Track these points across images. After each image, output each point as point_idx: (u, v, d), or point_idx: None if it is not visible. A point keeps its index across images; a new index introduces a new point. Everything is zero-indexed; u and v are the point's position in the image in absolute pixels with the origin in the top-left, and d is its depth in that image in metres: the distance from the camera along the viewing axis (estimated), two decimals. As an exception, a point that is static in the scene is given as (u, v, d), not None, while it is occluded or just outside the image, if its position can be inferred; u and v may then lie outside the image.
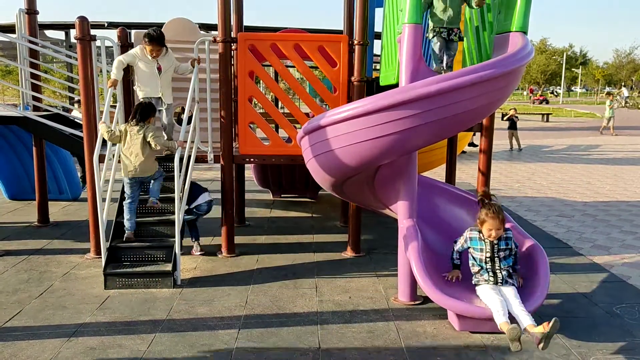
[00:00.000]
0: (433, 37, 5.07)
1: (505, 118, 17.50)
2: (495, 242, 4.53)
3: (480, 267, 4.56)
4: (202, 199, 6.28)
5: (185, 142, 5.84)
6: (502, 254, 4.52)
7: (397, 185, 5.03)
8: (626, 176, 12.76)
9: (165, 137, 5.95)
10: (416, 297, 5.10)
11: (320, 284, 5.55)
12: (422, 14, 4.79)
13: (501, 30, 5.03)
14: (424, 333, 4.46)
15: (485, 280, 4.51)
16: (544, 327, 3.85)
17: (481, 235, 4.58)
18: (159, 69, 6.01)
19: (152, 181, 5.83)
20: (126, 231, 5.69)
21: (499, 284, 4.47)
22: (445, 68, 5.07)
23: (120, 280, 5.36)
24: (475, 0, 4.75)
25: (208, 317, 4.73)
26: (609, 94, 27.64)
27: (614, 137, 22.86)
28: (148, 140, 5.55)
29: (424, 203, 5.64)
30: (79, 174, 9.92)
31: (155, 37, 5.87)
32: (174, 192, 5.63)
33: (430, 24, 5.10)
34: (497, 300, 4.28)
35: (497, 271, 4.49)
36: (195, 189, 6.30)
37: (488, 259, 4.53)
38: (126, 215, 5.69)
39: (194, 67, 6.06)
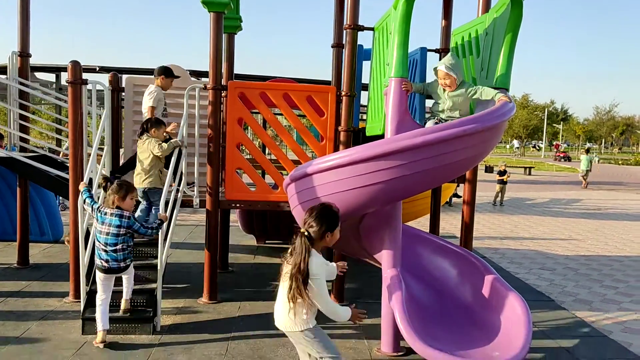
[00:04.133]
0: (429, 118, 5.19)
1: (502, 175, 17.80)
2: None
3: None
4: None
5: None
6: None
7: (382, 234, 5.06)
8: (607, 231, 12.93)
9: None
10: (399, 348, 5.05)
11: (303, 333, 5.48)
12: (408, 68, 4.94)
13: (484, 87, 5.19)
14: (406, 385, 4.41)
15: None
16: None
17: None
18: None
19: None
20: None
21: None
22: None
23: (99, 325, 5.25)
24: None
25: (187, 365, 4.65)
26: (587, 151, 29.18)
27: (587, 190, 23.91)
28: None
29: (407, 253, 5.66)
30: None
31: None
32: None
33: (432, 107, 5.24)
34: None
35: None
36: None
37: None
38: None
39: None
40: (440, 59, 7.01)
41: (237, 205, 6.52)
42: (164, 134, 5.93)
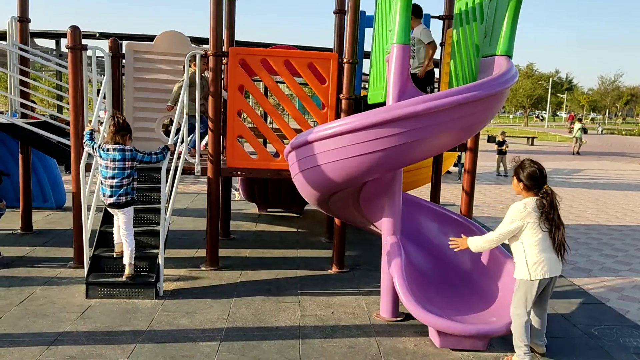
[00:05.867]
0: None
1: (501, 145, 17.78)
2: None
3: None
4: None
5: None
6: None
7: (382, 202, 5.09)
8: (607, 201, 12.96)
9: None
10: (398, 313, 5.13)
11: (303, 298, 5.56)
12: (410, 35, 4.89)
13: (487, 54, 5.15)
14: (404, 349, 4.49)
15: None
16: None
17: None
18: None
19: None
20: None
21: None
22: None
23: (102, 290, 5.34)
24: None
25: (189, 328, 4.73)
26: (579, 120, 33.18)
27: (589, 159, 24.18)
28: None
29: (408, 220, 5.70)
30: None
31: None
32: (158, 202, 5.65)
33: None
34: None
35: None
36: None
37: None
38: None
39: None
40: (443, 26, 6.94)
41: (238, 172, 6.53)
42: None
